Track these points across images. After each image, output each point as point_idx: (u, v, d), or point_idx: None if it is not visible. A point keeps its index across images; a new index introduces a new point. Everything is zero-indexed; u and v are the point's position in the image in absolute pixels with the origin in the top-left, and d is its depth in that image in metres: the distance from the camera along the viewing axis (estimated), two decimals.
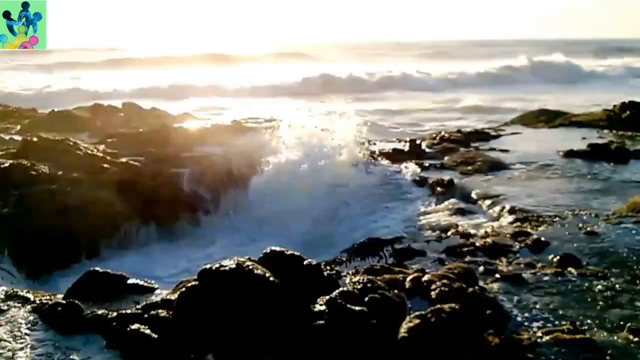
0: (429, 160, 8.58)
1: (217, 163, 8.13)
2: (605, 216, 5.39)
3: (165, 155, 8.08)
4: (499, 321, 3.20)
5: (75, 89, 26.71)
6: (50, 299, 3.71)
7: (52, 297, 3.82)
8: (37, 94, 25.14)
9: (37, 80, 31.04)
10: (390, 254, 4.94)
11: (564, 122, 11.39)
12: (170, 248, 6.79)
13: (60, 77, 33.03)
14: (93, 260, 6.12)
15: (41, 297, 3.85)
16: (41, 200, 6.41)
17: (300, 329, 3.02)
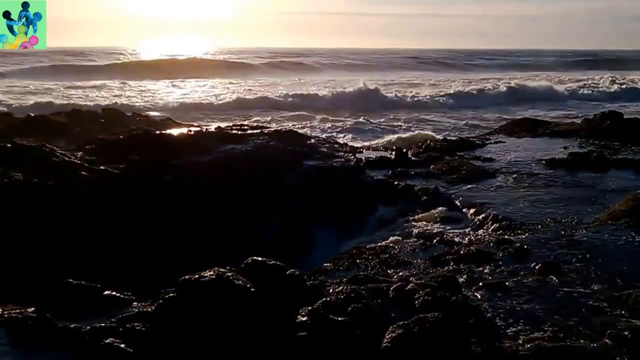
0: (414, 168, 8.60)
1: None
2: (586, 224, 5.44)
3: (148, 162, 7.96)
4: (482, 329, 3.18)
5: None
6: (21, 312, 3.57)
7: (22, 310, 3.68)
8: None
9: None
10: (375, 262, 4.91)
11: (546, 131, 11.53)
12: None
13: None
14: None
15: (10, 310, 3.70)
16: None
17: (283, 340, 2.96)
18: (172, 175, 7.78)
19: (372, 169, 8.61)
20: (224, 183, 7.88)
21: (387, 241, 5.86)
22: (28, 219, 6.26)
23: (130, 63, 49.75)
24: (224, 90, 32.49)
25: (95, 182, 7.13)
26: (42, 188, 6.73)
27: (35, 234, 6.14)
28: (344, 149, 10.29)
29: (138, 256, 6.44)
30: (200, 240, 7.24)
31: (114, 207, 6.93)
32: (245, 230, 7.56)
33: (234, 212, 7.69)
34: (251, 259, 3.57)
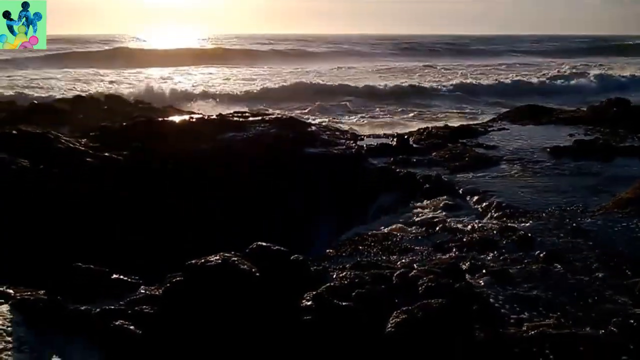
0: (416, 155, 8.57)
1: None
2: (591, 212, 5.42)
3: (150, 150, 7.96)
4: (485, 316, 3.19)
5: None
6: (32, 295, 3.62)
7: (33, 293, 3.73)
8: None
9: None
10: (378, 249, 4.91)
11: (551, 119, 11.46)
12: None
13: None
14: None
15: (22, 293, 3.75)
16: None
17: (288, 324, 2.98)
18: (173, 163, 7.78)
19: (374, 157, 8.59)
20: (224, 173, 7.87)
21: (389, 228, 5.86)
22: (34, 205, 6.29)
23: (131, 50, 49.55)
24: (251, 80, 31.77)
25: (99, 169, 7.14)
26: (48, 174, 6.76)
27: (42, 219, 6.17)
28: (345, 136, 10.26)
29: (138, 256, 6.46)
30: (203, 223, 7.25)
31: (116, 198, 6.94)
32: (245, 219, 7.56)
33: (235, 203, 7.68)
34: (256, 244, 3.58)
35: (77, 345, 3.04)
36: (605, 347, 2.84)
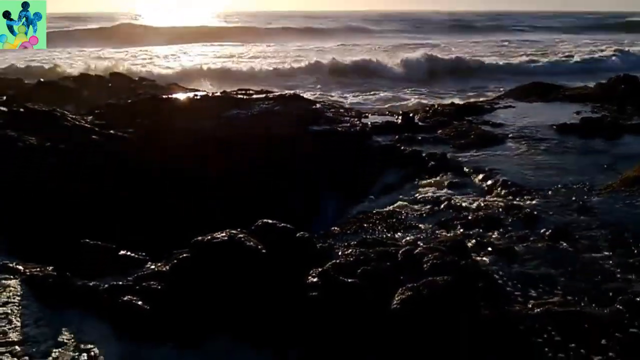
0: (421, 133, 8.52)
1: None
2: (598, 190, 5.39)
3: (157, 127, 7.96)
4: (490, 293, 3.21)
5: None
6: (41, 270, 3.67)
7: (42, 269, 3.78)
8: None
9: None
10: (382, 227, 4.92)
11: (558, 96, 11.33)
12: None
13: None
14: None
15: (31, 269, 3.81)
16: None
17: (293, 301, 3.01)
18: (178, 139, 7.77)
19: (379, 134, 8.55)
20: (228, 150, 7.85)
21: (394, 206, 5.86)
22: (41, 183, 6.31)
23: (135, 28, 49.06)
24: (263, 60, 31.20)
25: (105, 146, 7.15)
26: (55, 151, 6.78)
27: (49, 197, 6.20)
28: (350, 113, 10.18)
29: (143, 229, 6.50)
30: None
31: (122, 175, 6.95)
32: (249, 196, 7.56)
33: (238, 181, 7.67)
34: (261, 222, 3.60)
35: (86, 320, 3.08)
36: (611, 325, 2.85)
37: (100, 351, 2.76)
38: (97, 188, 6.57)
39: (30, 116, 7.58)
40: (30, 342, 2.86)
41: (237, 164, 7.77)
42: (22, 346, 2.82)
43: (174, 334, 2.89)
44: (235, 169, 7.73)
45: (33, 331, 2.98)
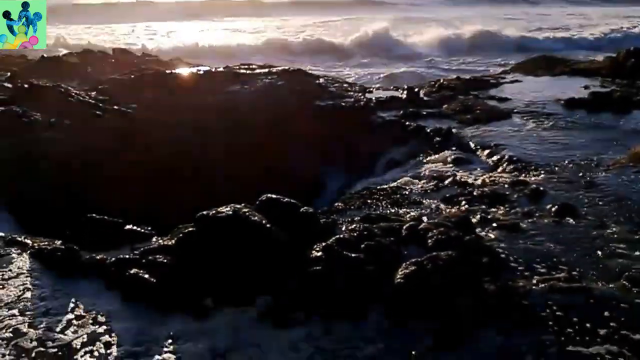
0: (426, 108, 8.44)
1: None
2: (605, 166, 5.34)
3: (160, 102, 7.92)
4: (495, 269, 3.21)
5: None
6: (49, 244, 3.70)
7: (50, 242, 3.82)
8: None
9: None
10: (386, 203, 4.91)
11: (566, 69, 11.15)
12: None
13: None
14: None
15: (40, 242, 3.85)
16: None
17: (297, 275, 3.02)
18: (182, 115, 7.73)
19: (383, 109, 8.47)
20: (230, 126, 7.80)
21: (398, 182, 5.84)
22: (45, 158, 6.33)
23: (136, 3, 48.32)
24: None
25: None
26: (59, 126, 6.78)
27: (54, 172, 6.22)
28: (354, 88, 10.08)
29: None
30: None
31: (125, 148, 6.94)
32: (252, 172, 7.54)
33: (240, 154, 7.64)
34: (265, 196, 3.59)
35: (95, 292, 3.13)
36: (616, 301, 2.85)
37: (111, 322, 2.81)
38: (101, 163, 6.59)
39: (35, 92, 7.56)
40: (42, 314, 2.91)
41: (240, 140, 7.75)
42: (36, 317, 2.87)
43: (182, 306, 2.91)
44: (238, 145, 7.72)
45: (41, 301, 3.03)
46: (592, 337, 2.60)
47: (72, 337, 2.71)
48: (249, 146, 7.74)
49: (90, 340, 2.68)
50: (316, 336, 2.69)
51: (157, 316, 2.86)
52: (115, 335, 2.71)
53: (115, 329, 2.76)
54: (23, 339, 2.69)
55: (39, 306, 2.98)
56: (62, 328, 2.78)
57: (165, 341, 2.67)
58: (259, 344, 2.63)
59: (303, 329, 2.73)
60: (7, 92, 7.94)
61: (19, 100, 7.30)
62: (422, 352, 2.55)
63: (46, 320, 2.85)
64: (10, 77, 9.78)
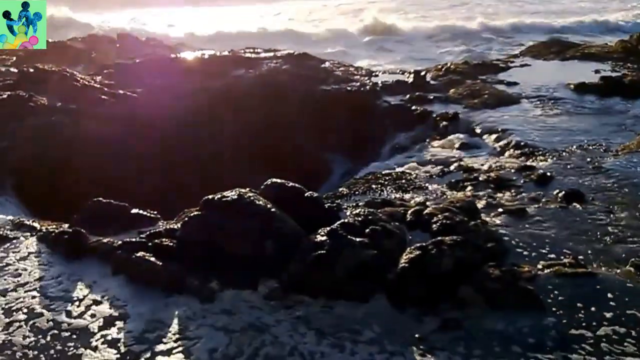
0: (433, 93, 8.36)
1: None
2: (614, 151, 5.28)
3: (165, 86, 7.90)
4: (500, 254, 3.20)
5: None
6: (57, 227, 3.73)
7: (58, 226, 3.85)
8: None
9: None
10: (392, 188, 4.89)
11: (576, 54, 10.96)
12: None
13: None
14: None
15: (47, 226, 3.88)
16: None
17: (301, 258, 3.02)
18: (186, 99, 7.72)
19: (389, 94, 8.40)
20: (234, 110, 7.77)
21: (404, 167, 5.82)
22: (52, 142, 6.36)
23: None
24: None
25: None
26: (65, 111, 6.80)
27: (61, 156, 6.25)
28: (359, 72, 9.99)
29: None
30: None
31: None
32: (257, 156, 7.53)
33: (244, 139, 7.62)
34: (271, 181, 3.59)
35: (102, 275, 3.15)
36: (622, 287, 2.83)
37: (117, 306, 2.84)
38: (107, 147, 6.61)
39: (40, 76, 7.57)
40: (49, 296, 2.95)
41: (245, 125, 7.73)
42: (43, 300, 2.91)
43: (188, 289, 2.92)
44: (243, 130, 7.70)
45: (48, 284, 3.06)
46: (597, 322, 2.59)
47: (79, 319, 2.74)
48: (253, 131, 7.72)
49: (96, 323, 2.70)
50: (319, 319, 2.69)
51: (163, 299, 2.87)
52: (121, 318, 2.73)
53: (121, 312, 2.78)
54: (33, 321, 2.73)
55: (46, 289, 3.02)
56: (69, 311, 2.81)
57: (172, 324, 2.68)
58: (263, 326, 2.64)
59: (306, 312, 2.74)
60: (13, 77, 7.96)
61: (25, 84, 7.32)
62: (425, 336, 2.54)
63: (53, 303, 2.88)
64: (16, 61, 9.80)
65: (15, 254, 3.44)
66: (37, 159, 6.13)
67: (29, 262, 3.33)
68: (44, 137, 6.38)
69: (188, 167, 7.08)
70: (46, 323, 2.71)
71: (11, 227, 3.86)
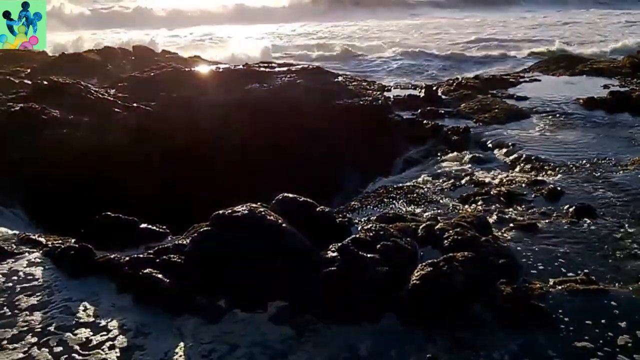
0: (444, 107, 8.39)
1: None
2: (624, 166, 5.26)
3: (179, 100, 7.98)
4: (511, 270, 3.19)
5: None
6: (63, 243, 3.72)
7: (64, 241, 3.85)
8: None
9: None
10: (403, 202, 4.91)
11: (585, 68, 10.97)
12: None
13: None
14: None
15: (53, 241, 3.87)
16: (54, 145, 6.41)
17: (313, 275, 3.03)
18: (201, 112, 7.79)
19: (401, 108, 8.45)
20: (247, 124, 7.82)
21: (416, 181, 5.83)
22: (64, 155, 6.43)
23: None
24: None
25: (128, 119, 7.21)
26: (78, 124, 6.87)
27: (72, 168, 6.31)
28: (372, 87, 10.06)
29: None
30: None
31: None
32: (267, 170, 7.56)
33: (257, 152, 7.65)
34: (282, 195, 3.61)
35: (108, 291, 3.13)
36: (634, 304, 2.81)
37: (123, 324, 2.81)
38: (120, 161, 6.67)
39: (54, 89, 7.66)
40: (53, 312, 2.92)
41: (258, 139, 7.78)
42: (46, 318, 2.87)
43: (196, 308, 2.92)
44: (256, 142, 7.74)
45: (53, 300, 3.04)
46: (609, 340, 2.57)
47: (81, 337, 2.70)
48: (266, 144, 7.76)
49: (99, 342, 2.67)
50: (328, 338, 2.68)
51: (170, 318, 2.85)
52: (125, 336, 2.71)
53: (125, 331, 2.75)
54: (34, 339, 2.69)
55: (48, 306, 2.97)
56: (72, 329, 2.77)
57: (178, 343, 2.66)
58: (271, 348, 2.62)
59: (315, 332, 2.73)
60: (27, 89, 8.07)
61: (39, 97, 7.40)
62: (437, 355, 2.54)
63: (55, 320, 2.84)
64: (30, 73, 9.94)
65: (19, 269, 3.39)
66: (48, 171, 6.18)
67: (33, 277, 3.28)
68: (55, 149, 6.44)
69: (200, 179, 7.13)
70: (47, 340, 2.67)
71: (16, 241, 3.80)
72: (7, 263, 3.48)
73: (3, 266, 3.44)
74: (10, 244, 3.75)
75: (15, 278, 3.29)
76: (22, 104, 7.04)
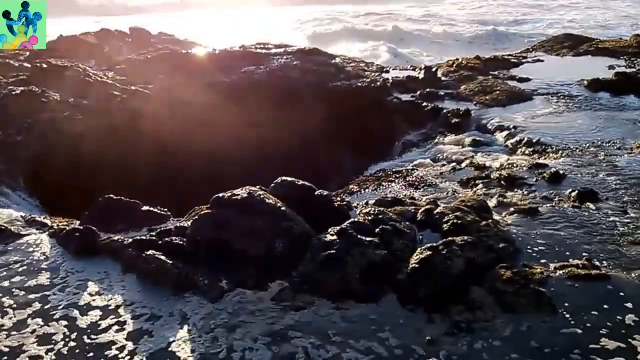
0: (444, 89, 8.30)
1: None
2: (628, 149, 5.21)
3: (176, 82, 7.92)
4: (512, 255, 3.16)
5: None
6: (68, 225, 3.75)
7: (69, 223, 3.88)
8: None
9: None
10: (402, 185, 4.87)
11: (590, 49, 10.82)
12: None
13: None
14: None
15: (59, 223, 3.91)
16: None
17: (311, 258, 3.02)
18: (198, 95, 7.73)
19: (400, 90, 8.36)
20: (244, 107, 7.76)
21: (415, 164, 5.79)
22: (64, 138, 6.40)
23: None
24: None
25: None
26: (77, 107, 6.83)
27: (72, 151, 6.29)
28: (370, 68, 9.94)
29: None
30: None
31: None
32: (268, 153, 7.53)
33: (254, 136, 7.61)
34: (281, 179, 3.59)
35: (112, 272, 3.17)
36: (636, 289, 2.79)
37: (127, 303, 2.86)
38: (119, 143, 6.64)
39: (54, 72, 7.62)
40: (61, 293, 2.97)
41: (254, 121, 7.73)
42: (54, 296, 2.93)
43: (198, 287, 2.93)
44: (253, 124, 7.70)
45: (58, 281, 3.09)
46: (610, 327, 2.56)
47: (88, 317, 2.76)
48: (263, 126, 7.72)
49: (104, 320, 2.72)
50: (328, 320, 2.68)
51: (173, 298, 2.88)
52: (130, 316, 2.75)
53: (129, 311, 2.79)
54: (42, 318, 2.75)
55: (55, 286, 3.04)
56: (79, 308, 2.83)
57: (180, 323, 2.69)
58: (272, 327, 2.64)
59: (314, 313, 2.73)
60: (27, 72, 8.02)
61: (38, 80, 7.37)
62: (436, 338, 2.53)
63: (63, 300, 2.90)
64: (29, 57, 9.86)
65: (26, 250, 3.46)
66: (50, 154, 6.18)
67: (40, 259, 3.35)
68: (57, 132, 6.42)
69: (198, 162, 7.11)
70: (56, 320, 2.73)
71: (23, 223, 3.90)
72: (15, 244, 3.56)
73: (10, 247, 3.51)
74: (17, 226, 3.82)
75: (21, 259, 3.34)
76: (23, 87, 7.01)
